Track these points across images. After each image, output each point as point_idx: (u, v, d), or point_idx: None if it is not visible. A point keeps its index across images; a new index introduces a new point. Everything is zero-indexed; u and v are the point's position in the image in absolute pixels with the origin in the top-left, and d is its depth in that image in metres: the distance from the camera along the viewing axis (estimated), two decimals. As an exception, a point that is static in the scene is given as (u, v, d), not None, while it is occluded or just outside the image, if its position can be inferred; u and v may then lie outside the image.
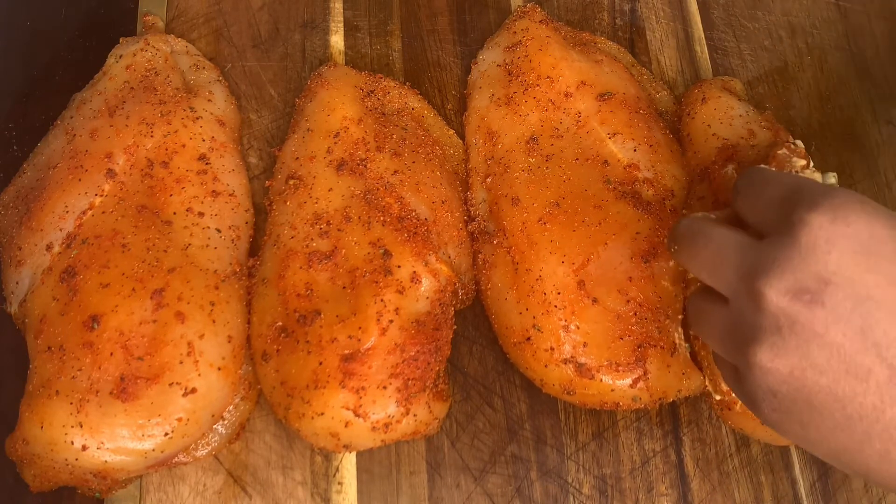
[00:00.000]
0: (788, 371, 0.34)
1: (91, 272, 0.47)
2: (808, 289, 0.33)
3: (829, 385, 0.33)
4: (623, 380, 0.48)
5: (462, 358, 0.53)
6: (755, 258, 0.35)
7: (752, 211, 0.38)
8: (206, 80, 0.58)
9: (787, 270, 0.34)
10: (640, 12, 0.65)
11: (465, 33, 0.63)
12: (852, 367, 0.33)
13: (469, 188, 0.55)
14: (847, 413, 0.33)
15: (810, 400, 0.34)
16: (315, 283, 0.48)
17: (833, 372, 0.33)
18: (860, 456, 0.34)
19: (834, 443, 0.34)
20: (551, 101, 0.55)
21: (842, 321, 0.33)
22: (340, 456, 0.50)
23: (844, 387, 0.33)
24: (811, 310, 0.33)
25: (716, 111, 0.55)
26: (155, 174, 0.51)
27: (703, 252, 0.39)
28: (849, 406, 0.33)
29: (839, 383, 0.33)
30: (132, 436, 0.44)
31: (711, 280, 0.39)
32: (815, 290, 0.33)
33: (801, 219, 0.34)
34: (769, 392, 0.35)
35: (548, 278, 0.49)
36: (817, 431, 0.34)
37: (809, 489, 0.51)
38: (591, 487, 0.50)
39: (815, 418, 0.34)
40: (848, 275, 0.33)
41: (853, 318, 0.32)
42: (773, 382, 0.34)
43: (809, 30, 0.65)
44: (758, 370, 0.35)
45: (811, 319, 0.33)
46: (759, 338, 0.34)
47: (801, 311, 0.33)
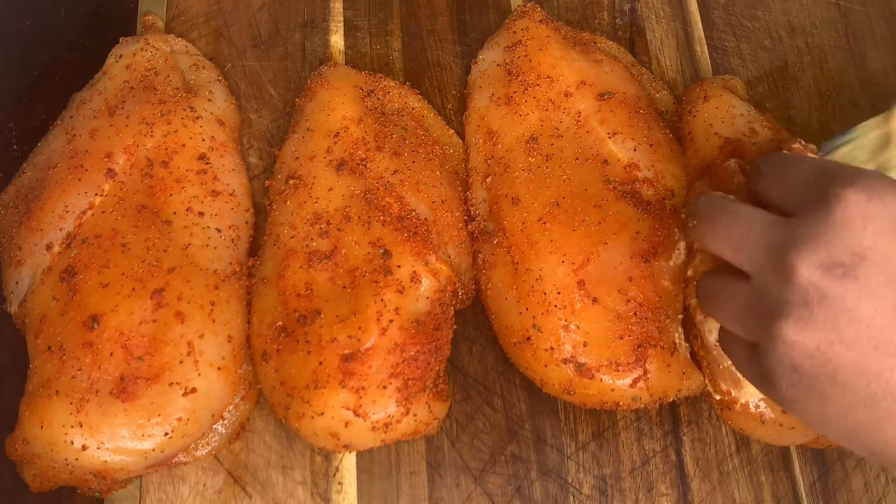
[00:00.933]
0: (815, 345, 0.33)
1: (91, 272, 0.47)
2: (842, 263, 0.33)
3: (856, 360, 0.33)
4: (623, 379, 0.48)
5: (462, 358, 0.53)
6: (785, 233, 0.35)
7: (777, 190, 0.38)
8: (206, 80, 0.58)
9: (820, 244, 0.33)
10: (640, 12, 0.65)
11: (465, 33, 0.63)
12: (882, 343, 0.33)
13: (469, 188, 0.55)
14: (871, 389, 0.33)
15: (835, 375, 0.33)
16: (315, 282, 0.48)
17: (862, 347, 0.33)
18: (879, 434, 0.34)
19: (853, 420, 0.34)
20: (551, 100, 0.55)
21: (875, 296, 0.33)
22: (340, 456, 0.50)
23: (872, 362, 0.33)
24: (843, 284, 0.33)
25: (717, 109, 0.55)
26: (155, 174, 0.51)
27: (726, 227, 0.38)
28: (874, 382, 0.33)
29: (867, 358, 0.33)
30: (132, 435, 0.44)
31: (734, 255, 0.38)
32: (848, 264, 0.33)
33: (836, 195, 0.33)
34: (790, 367, 0.35)
35: (548, 278, 0.49)
36: (836, 408, 0.34)
37: (809, 489, 0.51)
38: (591, 487, 0.50)
39: (836, 394, 0.34)
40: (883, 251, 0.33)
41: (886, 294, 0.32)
42: (796, 357, 0.34)
43: (809, 29, 0.65)
44: (782, 344, 0.34)
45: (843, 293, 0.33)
46: (786, 311, 0.34)
47: (833, 285, 0.33)
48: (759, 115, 0.55)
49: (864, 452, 0.36)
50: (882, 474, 0.52)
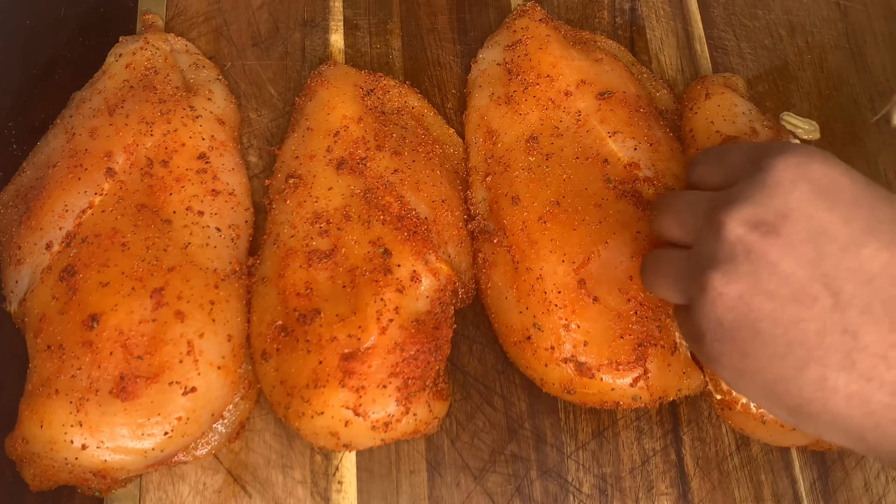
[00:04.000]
0: (738, 296, 0.36)
1: (91, 271, 0.47)
2: (767, 221, 0.35)
3: (774, 310, 0.35)
4: (623, 379, 0.48)
5: (462, 357, 0.53)
6: (721, 199, 0.38)
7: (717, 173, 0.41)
8: (206, 79, 0.58)
9: (749, 203, 0.36)
10: (640, 11, 0.65)
11: (465, 32, 0.63)
12: (800, 295, 0.34)
13: (469, 187, 0.55)
14: (789, 338, 0.35)
15: (755, 325, 0.35)
16: (315, 282, 0.48)
17: (781, 298, 0.35)
18: (796, 384, 0.35)
19: (771, 372, 0.36)
20: (551, 99, 0.55)
21: (795, 252, 0.35)
22: (340, 455, 0.50)
23: (790, 312, 0.35)
24: (767, 239, 0.35)
25: (719, 107, 0.55)
26: (154, 173, 0.51)
27: (674, 207, 0.42)
28: (791, 331, 0.35)
29: (785, 309, 0.35)
30: (132, 435, 0.44)
31: (679, 229, 0.41)
32: (773, 222, 0.35)
33: (768, 163, 0.36)
34: (715, 321, 0.37)
35: (548, 277, 0.49)
36: (756, 361, 0.36)
37: (809, 488, 0.51)
38: (591, 486, 0.50)
39: (756, 346, 0.36)
40: (807, 211, 0.35)
41: (806, 250, 0.35)
42: (721, 309, 0.36)
43: (810, 28, 0.65)
44: (709, 295, 0.36)
45: (766, 249, 0.35)
46: (714, 265, 0.36)
47: (758, 241, 0.35)
48: (760, 114, 0.55)
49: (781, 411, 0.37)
50: (882, 473, 0.52)
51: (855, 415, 0.34)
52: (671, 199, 0.43)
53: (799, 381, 0.35)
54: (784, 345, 0.35)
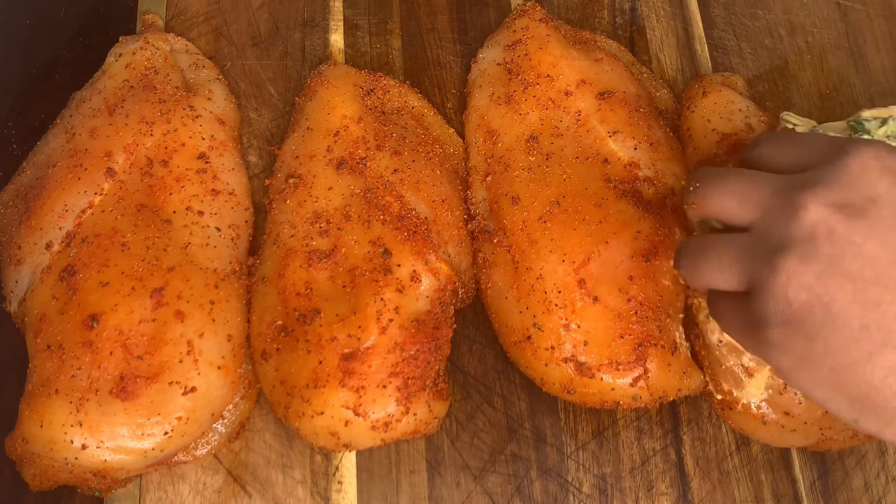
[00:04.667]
0: (815, 276, 0.35)
1: (90, 271, 0.47)
2: (854, 203, 0.35)
3: (854, 291, 0.34)
4: (623, 379, 0.48)
5: (462, 357, 0.53)
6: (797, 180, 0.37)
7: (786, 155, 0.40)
8: (206, 79, 0.58)
9: (834, 187, 0.35)
10: (640, 11, 0.65)
11: (465, 32, 0.63)
12: (883, 277, 0.34)
13: (469, 187, 0.55)
14: (866, 321, 0.34)
15: (829, 307, 0.35)
16: (315, 281, 0.48)
17: (862, 280, 0.34)
18: (866, 370, 0.34)
19: (840, 357, 0.35)
20: (551, 99, 0.55)
21: (881, 235, 0.34)
22: (340, 455, 0.50)
23: (871, 294, 0.34)
24: (853, 222, 0.35)
25: (716, 105, 0.55)
26: (154, 173, 0.51)
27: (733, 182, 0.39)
28: (870, 314, 0.34)
29: (866, 290, 0.34)
30: (132, 435, 0.44)
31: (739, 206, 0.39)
32: (860, 205, 0.35)
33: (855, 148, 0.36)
34: (784, 301, 0.35)
35: (548, 277, 0.49)
36: (826, 344, 0.35)
37: (809, 488, 0.51)
38: (591, 486, 0.50)
39: (827, 329, 0.35)
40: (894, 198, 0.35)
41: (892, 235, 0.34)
42: (793, 289, 0.35)
43: (810, 28, 0.65)
44: (782, 276, 0.35)
45: (850, 230, 0.35)
46: (791, 245, 0.35)
47: (842, 221, 0.35)
48: (757, 111, 0.55)
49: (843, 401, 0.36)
50: (882, 473, 0.52)
51: None
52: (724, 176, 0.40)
53: (870, 366, 0.34)
54: (859, 327, 0.34)
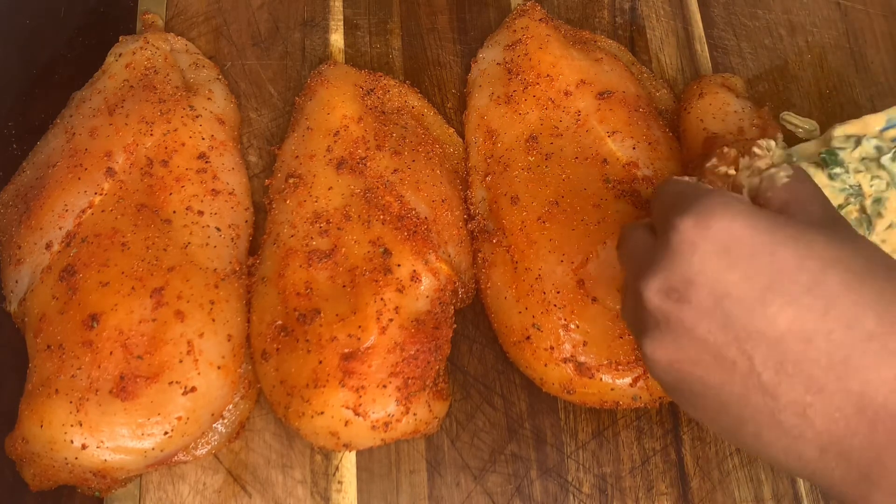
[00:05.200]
0: (668, 362, 0.36)
1: (90, 271, 0.47)
2: (676, 288, 0.35)
3: (701, 376, 0.35)
4: (623, 379, 0.48)
5: (462, 357, 0.53)
6: (644, 258, 0.38)
7: (654, 216, 0.41)
8: (206, 79, 0.58)
9: (658, 271, 0.36)
10: (640, 10, 0.65)
11: (465, 31, 0.63)
12: (719, 360, 0.35)
13: (469, 187, 0.55)
14: (720, 400, 0.35)
15: (690, 387, 0.36)
16: (315, 281, 0.48)
17: (704, 364, 0.35)
18: (740, 436, 0.36)
19: (718, 424, 0.37)
20: (551, 99, 0.55)
21: (706, 317, 0.35)
22: (340, 455, 0.50)
23: (714, 377, 0.35)
24: (679, 307, 0.35)
25: (710, 106, 0.55)
26: (154, 173, 0.51)
27: (624, 249, 0.42)
28: (721, 394, 0.35)
29: (710, 374, 0.35)
30: (132, 435, 0.44)
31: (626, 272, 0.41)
32: (681, 289, 0.35)
33: (671, 223, 0.36)
34: (658, 378, 0.38)
35: (547, 277, 0.49)
36: (704, 413, 0.37)
37: (809, 488, 0.51)
38: (592, 486, 0.50)
39: (698, 402, 0.37)
40: (709, 274, 0.34)
41: (715, 314, 0.34)
42: (659, 371, 0.37)
43: (810, 28, 0.65)
44: (647, 359, 0.37)
45: (680, 316, 0.35)
46: (644, 331, 0.37)
47: (672, 309, 0.35)
48: (752, 113, 0.54)
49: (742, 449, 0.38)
50: (882, 473, 0.52)
51: (794, 465, 0.35)
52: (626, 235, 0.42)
53: (740, 434, 0.36)
54: (718, 404, 0.35)
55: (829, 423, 0.33)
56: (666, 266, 0.36)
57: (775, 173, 0.40)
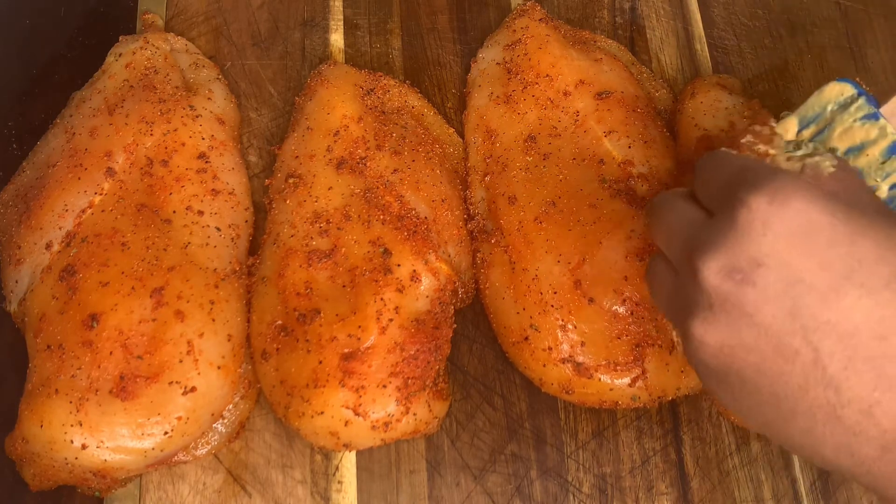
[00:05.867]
0: (719, 346, 0.34)
1: (90, 271, 0.47)
2: (741, 269, 0.33)
3: (757, 363, 0.34)
4: (622, 379, 0.48)
5: (462, 356, 0.53)
6: (699, 234, 0.36)
7: (704, 191, 0.39)
8: (206, 79, 0.58)
9: (721, 249, 0.34)
10: (640, 10, 0.65)
11: (464, 31, 0.63)
12: (780, 348, 0.33)
13: (468, 186, 0.55)
14: (774, 390, 0.34)
15: (740, 374, 0.35)
16: (315, 281, 0.48)
17: (761, 351, 0.33)
18: (786, 430, 0.35)
19: (762, 416, 0.35)
20: (550, 99, 0.55)
21: (771, 302, 0.33)
22: (340, 455, 0.50)
23: (772, 366, 0.33)
24: (742, 289, 0.33)
25: (702, 104, 0.55)
26: (154, 173, 0.51)
27: (662, 222, 0.40)
28: (776, 384, 0.34)
29: (767, 362, 0.34)
30: (132, 434, 0.44)
31: (666, 249, 0.40)
32: (747, 270, 0.33)
33: (740, 199, 0.34)
34: (702, 364, 0.36)
35: (544, 278, 0.49)
36: (746, 404, 0.36)
37: (809, 488, 0.51)
38: (592, 486, 0.50)
39: (744, 391, 0.35)
40: (781, 257, 0.33)
41: (783, 300, 0.33)
42: (705, 355, 0.35)
43: (810, 28, 0.65)
44: (693, 340, 0.35)
45: (741, 299, 0.33)
46: (694, 311, 0.35)
47: (733, 291, 0.33)
48: (744, 108, 0.54)
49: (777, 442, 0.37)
50: (882, 473, 0.52)
51: (844, 463, 0.33)
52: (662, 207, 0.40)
53: (788, 428, 0.34)
54: (770, 395, 0.34)
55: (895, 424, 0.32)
56: (731, 244, 0.34)
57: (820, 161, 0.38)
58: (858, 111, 0.48)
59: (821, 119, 0.49)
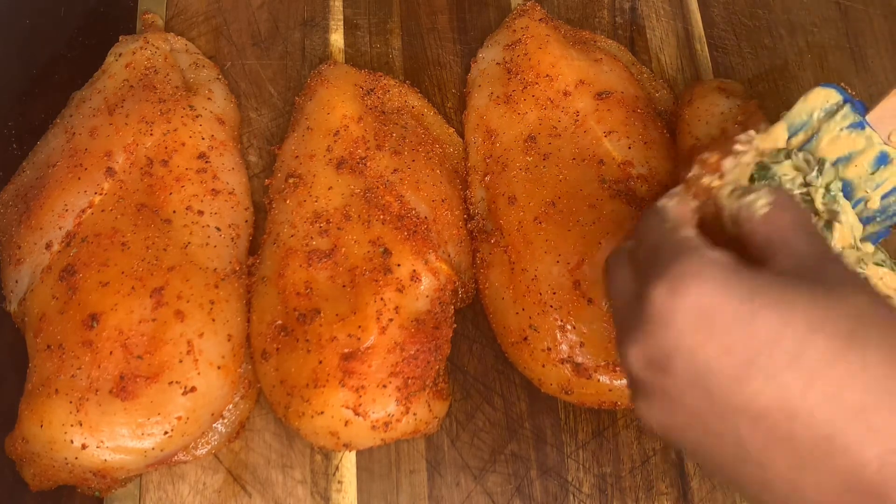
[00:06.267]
0: (660, 426, 0.35)
1: (90, 271, 0.47)
2: (657, 360, 0.34)
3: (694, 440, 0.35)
4: (621, 380, 0.48)
5: (462, 356, 0.53)
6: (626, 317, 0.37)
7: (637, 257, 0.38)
8: (206, 79, 0.58)
9: (639, 339, 0.34)
10: (640, 10, 0.65)
11: (465, 31, 0.63)
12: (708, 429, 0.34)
13: (468, 186, 0.55)
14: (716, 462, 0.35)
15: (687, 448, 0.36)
16: (315, 281, 0.48)
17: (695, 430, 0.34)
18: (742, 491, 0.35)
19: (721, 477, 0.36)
20: (550, 99, 0.55)
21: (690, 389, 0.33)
22: (340, 454, 0.50)
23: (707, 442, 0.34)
24: (663, 378, 0.34)
25: (697, 110, 0.55)
26: (154, 172, 0.51)
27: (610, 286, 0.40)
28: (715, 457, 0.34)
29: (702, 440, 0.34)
30: (132, 434, 0.44)
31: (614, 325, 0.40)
32: (662, 361, 0.34)
33: (646, 291, 0.34)
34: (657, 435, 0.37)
35: (543, 278, 0.49)
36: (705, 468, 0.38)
37: (809, 488, 0.51)
38: (591, 486, 0.50)
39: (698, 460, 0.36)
40: (687, 347, 0.33)
41: (697, 388, 0.33)
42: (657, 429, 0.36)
43: (810, 28, 0.65)
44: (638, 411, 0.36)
45: (665, 386, 0.34)
46: (635, 392, 0.36)
47: (657, 378, 0.34)
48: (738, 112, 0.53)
49: None
50: (882, 473, 0.52)
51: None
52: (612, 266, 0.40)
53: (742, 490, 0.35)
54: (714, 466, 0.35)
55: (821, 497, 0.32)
56: (644, 336, 0.34)
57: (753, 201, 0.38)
58: (844, 119, 0.48)
59: (808, 127, 0.49)
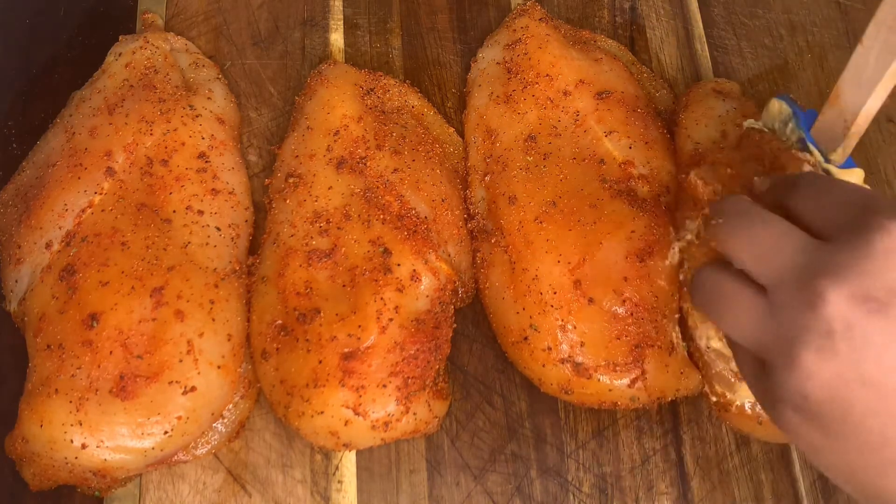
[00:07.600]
0: (831, 377, 0.31)
1: (90, 270, 0.47)
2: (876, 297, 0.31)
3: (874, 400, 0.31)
4: (621, 380, 0.48)
5: (462, 356, 0.53)
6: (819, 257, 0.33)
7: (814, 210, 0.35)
8: (206, 78, 0.58)
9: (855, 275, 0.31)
10: (640, 10, 0.65)
11: (464, 31, 0.63)
12: None
13: (468, 186, 0.55)
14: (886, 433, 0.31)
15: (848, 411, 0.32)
16: (315, 281, 0.48)
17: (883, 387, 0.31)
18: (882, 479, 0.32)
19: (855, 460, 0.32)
20: (550, 99, 0.55)
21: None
22: (340, 454, 0.50)
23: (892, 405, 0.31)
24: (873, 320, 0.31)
25: (694, 114, 0.55)
26: (154, 172, 0.51)
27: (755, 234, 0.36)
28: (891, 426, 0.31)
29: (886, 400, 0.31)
30: (132, 434, 0.44)
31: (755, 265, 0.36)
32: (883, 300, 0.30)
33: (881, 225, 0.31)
34: (800, 394, 0.32)
35: (544, 278, 0.49)
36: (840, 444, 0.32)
37: (809, 487, 0.51)
38: (592, 486, 0.50)
39: (844, 430, 0.32)
40: None
41: None
42: (810, 386, 0.32)
43: (810, 28, 0.65)
44: (797, 371, 0.32)
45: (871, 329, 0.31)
46: (806, 339, 0.32)
47: (862, 319, 0.31)
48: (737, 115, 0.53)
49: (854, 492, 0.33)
50: (882, 473, 0.52)
51: None
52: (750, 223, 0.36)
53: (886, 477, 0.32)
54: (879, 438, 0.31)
55: None
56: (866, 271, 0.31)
57: None
58: (793, 134, 0.47)
59: None
